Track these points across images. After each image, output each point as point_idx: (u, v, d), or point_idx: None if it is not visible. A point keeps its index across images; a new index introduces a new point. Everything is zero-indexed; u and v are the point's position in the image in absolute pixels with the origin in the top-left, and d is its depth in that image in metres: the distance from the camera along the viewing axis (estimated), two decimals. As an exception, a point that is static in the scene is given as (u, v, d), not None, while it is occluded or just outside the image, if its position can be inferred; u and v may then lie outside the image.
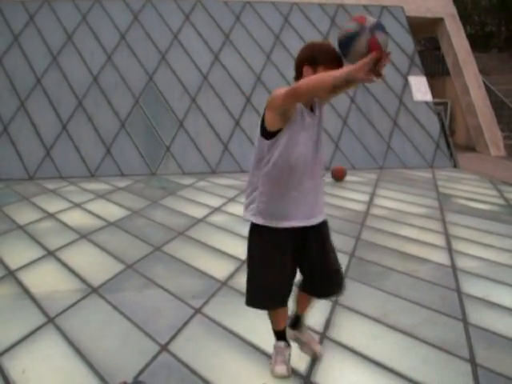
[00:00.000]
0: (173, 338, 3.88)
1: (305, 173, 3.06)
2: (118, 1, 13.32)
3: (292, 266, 3.24)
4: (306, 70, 2.93)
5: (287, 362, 3.42)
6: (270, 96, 2.94)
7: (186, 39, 13.14)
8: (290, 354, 3.47)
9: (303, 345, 3.59)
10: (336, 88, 2.72)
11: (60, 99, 11.79)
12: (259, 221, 3.11)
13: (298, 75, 2.99)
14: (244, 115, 12.42)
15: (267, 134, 2.99)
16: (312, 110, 3.07)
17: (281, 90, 2.84)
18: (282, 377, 3.38)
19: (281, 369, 3.39)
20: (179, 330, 4.00)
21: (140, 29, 13.05)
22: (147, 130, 11.88)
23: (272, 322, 3.46)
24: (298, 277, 3.35)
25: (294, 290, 3.40)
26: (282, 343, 3.45)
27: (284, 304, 3.34)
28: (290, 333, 3.56)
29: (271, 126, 2.96)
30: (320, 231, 3.24)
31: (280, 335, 3.48)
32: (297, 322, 3.57)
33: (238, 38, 13.41)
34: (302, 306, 3.54)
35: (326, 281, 3.34)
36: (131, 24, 13.09)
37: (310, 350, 3.59)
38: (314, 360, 3.59)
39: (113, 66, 12.41)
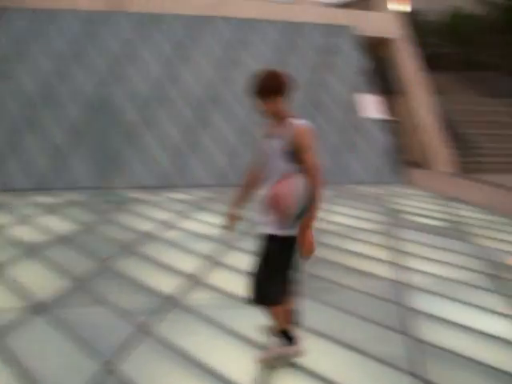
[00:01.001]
0: (118, 355, 3.83)
1: None
2: (68, 11, 13.20)
3: None
4: (279, 100, 3.46)
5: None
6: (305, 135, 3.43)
7: (140, 52, 13.09)
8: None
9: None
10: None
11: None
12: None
13: (266, 98, 3.45)
14: (198, 128, 12.41)
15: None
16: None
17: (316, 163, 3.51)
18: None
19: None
20: (125, 348, 3.94)
21: (93, 39, 12.93)
22: (99, 143, 11.75)
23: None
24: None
25: None
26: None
27: None
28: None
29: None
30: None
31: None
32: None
33: (193, 52, 13.43)
34: None
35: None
36: (84, 34, 12.97)
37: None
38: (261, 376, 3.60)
39: (66, 78, 12.25)
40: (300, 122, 3.45)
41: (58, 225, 7.69)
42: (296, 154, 3.43)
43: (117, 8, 13.83)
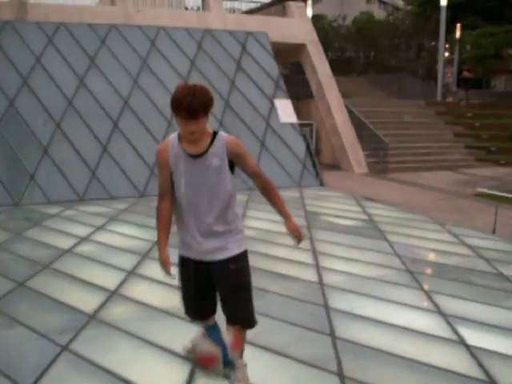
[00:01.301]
0: (38, 379, 3.69)
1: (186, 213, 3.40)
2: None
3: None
4: (206, 117, 3.26)
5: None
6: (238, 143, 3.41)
7: (49, 62, 12.72)
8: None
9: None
10: None
11: None
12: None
13: (195, 118, 3.15)
14: (111, 140, 12.18)
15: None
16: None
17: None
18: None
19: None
20: (45, 370, 3.81)
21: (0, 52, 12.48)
22: (9, 157, 11.29)
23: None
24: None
25: None
26: None
27: None
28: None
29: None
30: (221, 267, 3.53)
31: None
32: None
33: (104, 61, 13.18)
34: None
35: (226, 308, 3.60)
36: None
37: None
38: (187, 388, 3.57)
39: (-32, 91, 11.75)
40: (224, 134, 3.40)
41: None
42: (231, 167, 3.38)
43: (20, 17, 13.39)
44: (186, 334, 4.43)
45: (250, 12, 25.39)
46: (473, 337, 4.49)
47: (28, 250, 7.12)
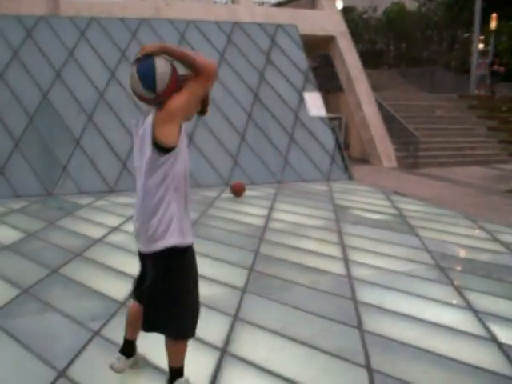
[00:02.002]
0: (71, 362, 3.78)
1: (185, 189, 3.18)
2: (11, 17, 12.87)
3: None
4: None
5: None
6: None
7: (81, 56, 12.88)
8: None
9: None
10: None
11: None
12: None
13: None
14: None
15: (166, 149, 3.04)
16: None
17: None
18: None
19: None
20: (77, 354, 3.90)
21: (33, 45, 12.66)
22: (42, 149, 11.49)
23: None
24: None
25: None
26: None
27: None
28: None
29: (172, 141, 3.05)
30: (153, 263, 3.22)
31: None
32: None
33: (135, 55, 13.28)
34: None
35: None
36: (24, 40, 12.67)
37: None
38: (216, 375, 3.62)
39: (5, 83, 11.95)
40: None
41: (5, 234, 7.51)
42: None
43: (53, 12, 13.59)
44: (214, 323, 4.51)
45: (279, 4, 25.33)
46: (504, 334, 4.45)
47: (61, 239, 7.26)
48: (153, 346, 3.62)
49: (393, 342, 4.26)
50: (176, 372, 3.29)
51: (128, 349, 3.54)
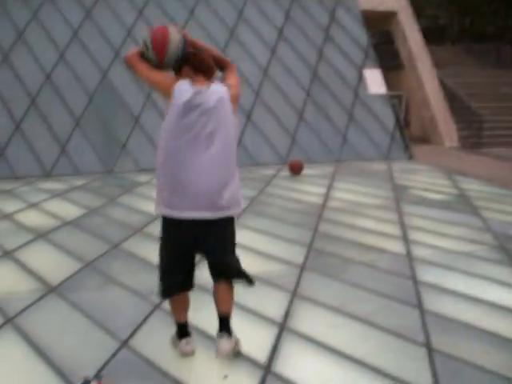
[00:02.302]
0: (133, 333, 3.88)
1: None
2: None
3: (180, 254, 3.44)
4: None
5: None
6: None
7: (139, 35, 13.02)
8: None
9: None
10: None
11: (12, 98, 11.54)
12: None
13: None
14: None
15: None
16: None
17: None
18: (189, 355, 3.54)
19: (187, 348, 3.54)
20: (139, 326, 3.99)
21: (93, 25, 12.88)
22: (102, 127, 11.74)
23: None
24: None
25: None
26: (182, 340, 3.56)
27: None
28: (225, 345, 3.46)
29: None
30: (214, 228, 3.35)
31: (179, 329, 3.59)
32: (225, 324, 3.50)
33: (193, 32, 13.30)
34: (216, 300, 3.54)
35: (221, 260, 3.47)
36: (83, 20, 12.90)
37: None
38: (274, 349, 3.64)
39: (66, 63, 12.22)
40: None
41: (67, 210, 7.72)
42: None
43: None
44: (273, 299, 4.53)
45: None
46: None
47: (121, 215, 7.42)
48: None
49: (453, 322, 4.18)
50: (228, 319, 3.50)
51: (186, 330, 3.60)
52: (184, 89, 3.24)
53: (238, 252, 3.57)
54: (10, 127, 11.20)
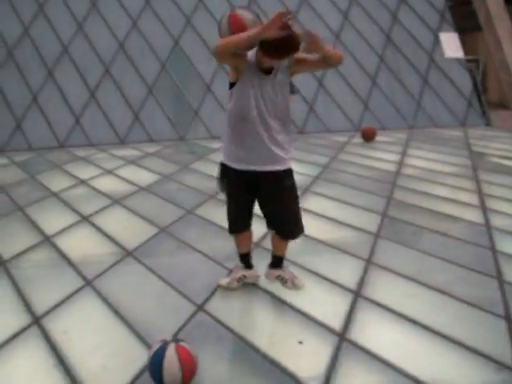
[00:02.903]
0: (208, 298, 3.94)
1: (255, 124, 3.53)
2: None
3: (248, 201, 3.86)
4: None
5: (234, 278, 4.06)
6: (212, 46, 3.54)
7: (210, 2, 12.99)
8: (244, 276, 4.07)
9: (286, 282, 4.04)
10: (252, 44, 3.31)
11: (87, 67, 11.80)
12: (224, 160, 3.76)
13: None
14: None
15: (230, 84, 3.62)
16: (269, 71, 3.50)
17: (213, 44, 3.41)
18: (224, 287, 4.02)
19: (223, 280, 4.08)
20: (214, 291, 4.05)
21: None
22: (175, 94, 11.86)
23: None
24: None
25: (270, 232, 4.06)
26: (239, 263, 4.12)
27: (242, 229, 3.99)
28: (271, 272, 4.09)
29: (230, 78, 3.61)
30: (274, 179, 3.68)
31: (241, 257, 4.12)
32: (275, 262, 4.08)
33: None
34: (275, 246, 4.06)
35: (278, 223, 3.91)
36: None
37: (293, 285, 4.02)
38: (349, 317, 3.62)
39: (138, 31, 12.35)
40: None
41: (141, 176, 7.88)
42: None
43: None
44: (347, 266, 4.50)
45: None
46: None
47: (194, 181, 7.51)
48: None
49: (536, 294, 4.04)
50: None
51: (249, 261, 4.12)
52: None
53: (312, 219, 3.57)
54: (85, 96, 11.48)
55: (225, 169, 3.76)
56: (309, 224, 5.48)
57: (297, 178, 3.81)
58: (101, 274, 4.43)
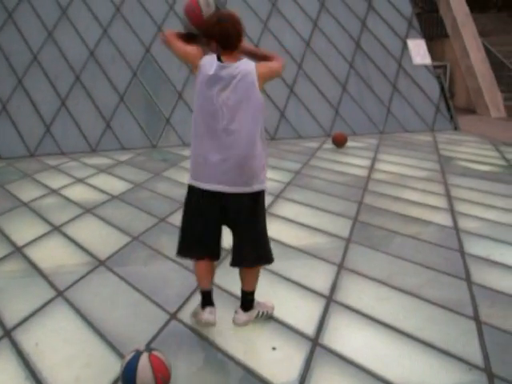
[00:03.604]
0: (181, 306, 3.94)
1: (214, 132, 3.28)
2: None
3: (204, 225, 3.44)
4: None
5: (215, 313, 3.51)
6: None
7: (181, 9, 12.98)
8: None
9: (265, 314, 3.69)
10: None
11: (57, 75, 11.69)
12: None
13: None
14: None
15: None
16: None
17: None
18: (210, 324, 3.49)
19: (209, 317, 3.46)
20: (187, 299, 4.05)
21: (135, 1, 12.90)
22: (146, 102, 11.82)
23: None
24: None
25: None
26: (206, 309, 3.50)
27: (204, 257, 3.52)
28: (245, 316, 3.62)
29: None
30: (243, 201, 3.36)
31: (202, 297, 3.57)
32: (248, 302, 3.64)
33: (235, 6, 13.25)
34: (241, 279, 3.65)
35: (239, 248, 3.51)
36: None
37: (271, 312, 3.71)
38: (322, 322, 3.65)
39: (109, 39, 12.30)
40: None
41: (113, 185, 7.84)
42: None
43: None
44: (320, 272, 4.54)
45: None
46: None
47: (166, 189, 7.50)
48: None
49: (503, 295, 4.13)
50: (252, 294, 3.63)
51: (210, 298, 3.57)
52: (209, 62, 3.29)
53: (284, 225, 3.59)
54: (56, 103, 11.38)
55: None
56: (281, 230, 5.58)
57: (269, 184, 3.81)
58: (73, 284, 4.40)
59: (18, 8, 12.28)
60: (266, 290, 4.07)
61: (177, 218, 6.04)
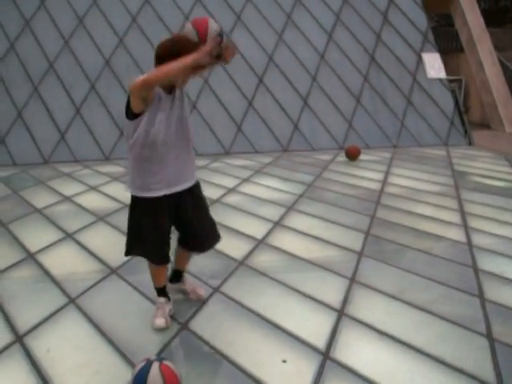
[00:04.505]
0: (192, 316, 3.94)
1: (166, 147, 3.49)
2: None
3: (167, 227, 3.77)
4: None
5: (166, 316, 3.82)
6: (130, 83, 3.32)
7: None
8: (170, 310, 3.91)
9: (188, 294, 4.17)
10: (185, 73, 3.37)
11: (73, 83, 11.81)
12: (135, 193, 3.72)
13: (159, 64, 3.34)
14: (257, 95, 12.39)
15: (132, 115, 3.41)
16: (171, 91, 3.50)
17: (137, 79, 3.26)
18: (161, 329, 3.74)
19: (160, 321, 3.77)
20: (198, 309, 4.05)
21: (151, 11, 13.02)
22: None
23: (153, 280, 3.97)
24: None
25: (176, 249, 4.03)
26: (162, 299, 3.91)
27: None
28: (172, 286, 4.13)
29: (136, 109, 3.38)
30: (192, 194, 3.74)
31: (160, 291, 3.94)
32: (177, 276, 4.16)
33: (250, 18, 13.33)
34: (182, 262, 4.14)
35: (201, 236, 3.91)
36: (142, 6, 13.05)
37: (195, 296, 4.16)
38: (333, 336, 3.64)
39: (124, 48, 12.41)
40: None
41: (126, 193, 7.75)
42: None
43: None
44: (331, 285, 4.52)
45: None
46: None
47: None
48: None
49: (516, 312, 4.09)
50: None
51: (165, 291, 3.98)
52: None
53: (296, 237, 3.58)
54: (71, 111, 11.48)
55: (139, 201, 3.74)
56: (293, 242, 5.58)
57: (281, 196, 3.84)
58: (84, 291, 4.42)
59: (36, 16, 12.43)
60: (277, 302, 4.07)
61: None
